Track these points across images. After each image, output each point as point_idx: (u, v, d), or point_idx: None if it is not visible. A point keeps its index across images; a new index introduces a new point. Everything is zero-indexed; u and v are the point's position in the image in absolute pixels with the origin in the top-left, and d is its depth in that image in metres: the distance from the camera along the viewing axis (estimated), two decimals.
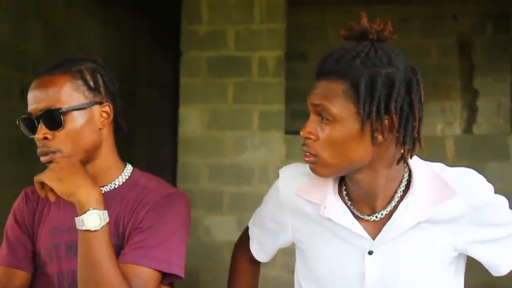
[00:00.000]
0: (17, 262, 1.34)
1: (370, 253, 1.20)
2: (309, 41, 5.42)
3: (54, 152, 1.26)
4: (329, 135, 1.12)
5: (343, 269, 1.23)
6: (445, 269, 1.21)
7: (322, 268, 1.26)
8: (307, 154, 1.16)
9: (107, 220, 1.20)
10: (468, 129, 5.40)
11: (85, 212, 1.17)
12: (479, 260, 1.23)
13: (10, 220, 1.40)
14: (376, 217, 1.20)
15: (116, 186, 1.35)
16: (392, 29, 1.15)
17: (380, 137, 1.11)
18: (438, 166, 1.22)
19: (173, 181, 4.17)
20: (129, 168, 1.40)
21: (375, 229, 1.20)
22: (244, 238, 1.49)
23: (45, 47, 3.49)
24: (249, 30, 4.03)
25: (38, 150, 1.28)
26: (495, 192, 1.20)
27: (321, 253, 1.26)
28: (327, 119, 1.12)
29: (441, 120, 5.45)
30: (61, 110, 1.25)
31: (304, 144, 1.16)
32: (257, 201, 1.50)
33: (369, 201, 1.20)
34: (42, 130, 1.26)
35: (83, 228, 1.17)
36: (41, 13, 3.46)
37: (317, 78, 1.15)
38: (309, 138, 1.14)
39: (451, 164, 1.24)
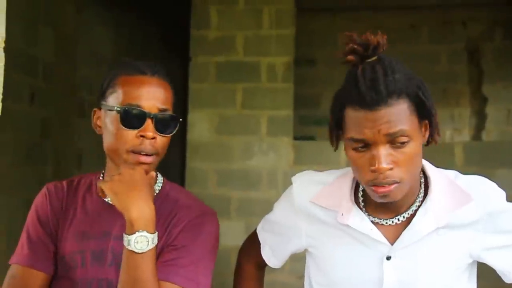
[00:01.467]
0: (38, 263, 1.31)
1: (388, 258, 1.20)
2: (318, 47, 5.41)
3: (157, 153, 1.27)
4: (409, 156, 1.10)
5: (361, 274, 1.23)
6: (460, 275, 1.22)
7: (338, 273, 1.26)
8: (385, 184, 1.10)
9: (156, 243, 1.17)
10: (477, 136, 5.37)
11: (133, 233, 1.14)
12: (492, 267, 1.23)
13: (32, 218, 1.35)
14: (393, 222, 1.20)
15: None
16: (385, 35, 1.12)
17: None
18: (452, 173, 1.24)
19: (181, 186, 4.17)
20: (160, 179, 1.40)
21: (393, 234, 1.20)
22: (250, 243, 1.49)
23: (55, 53, 3.52)
24: (258, 35, 4.04)
25: (141, 147, 1.24)
26: (506, 199, 1.21)
27: (338, 258, 1.26)
28: (404, 142, 1.09)
29: (450, 126, 5.42)
30: (180, 119, 1.30)
31: (382, 177, 1.10)
32: (265, 206, 1.49)
33: (389, 208, 1.20)
34: (153, 129, 1.25)
35: (129, 248, 1.15)
36: (51, 19, 3.49)
37: (372, 108, 1.08)
38: (390, 169, 1.10)
39: (460, 171, 1.25)
